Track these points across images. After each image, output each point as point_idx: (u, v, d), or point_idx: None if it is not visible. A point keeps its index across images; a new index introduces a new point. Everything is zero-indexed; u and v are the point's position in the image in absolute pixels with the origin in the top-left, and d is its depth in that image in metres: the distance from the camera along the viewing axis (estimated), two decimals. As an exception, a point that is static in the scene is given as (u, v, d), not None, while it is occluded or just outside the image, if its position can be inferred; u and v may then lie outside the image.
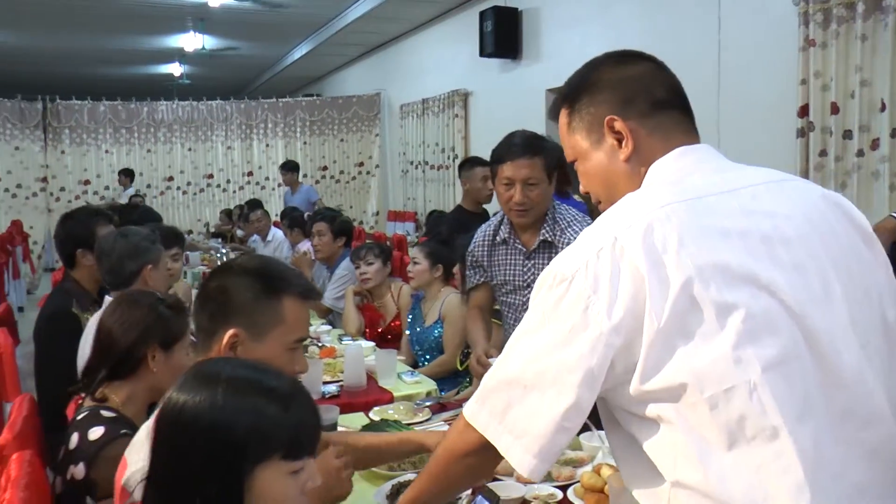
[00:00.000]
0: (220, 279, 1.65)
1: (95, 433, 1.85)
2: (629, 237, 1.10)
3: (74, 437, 1.87)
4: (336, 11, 10.24)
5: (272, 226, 7.45)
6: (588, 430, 2.13)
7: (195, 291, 3.73)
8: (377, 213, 12.44)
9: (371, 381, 3.12)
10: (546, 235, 2.65)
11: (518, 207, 2.59)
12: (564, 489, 1.98)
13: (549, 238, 2.64)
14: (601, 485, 1.88)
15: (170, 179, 12.10)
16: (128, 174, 11.26)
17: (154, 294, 2.17)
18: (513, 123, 2.94)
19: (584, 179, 1.37)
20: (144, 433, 1.53)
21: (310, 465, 1.20)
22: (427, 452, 1.95)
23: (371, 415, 2.69)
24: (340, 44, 11.70)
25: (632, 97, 1.27)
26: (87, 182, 11.56)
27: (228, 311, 1.59)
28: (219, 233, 10.33)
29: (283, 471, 1.16)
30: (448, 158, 9.70)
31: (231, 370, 1.22)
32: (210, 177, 12.26)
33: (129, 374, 2.00)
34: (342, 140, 12.56)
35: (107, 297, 2.87)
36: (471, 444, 1.25)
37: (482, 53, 8.17)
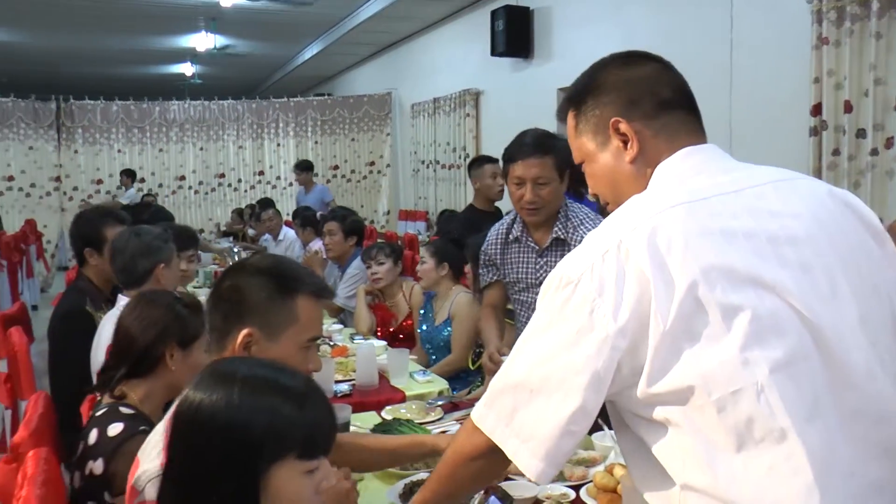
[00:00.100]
0: (234, 279, 1.65)
1: (115, 429, 1.87)
2: (634, 240, 1.10)
3: (93, 434, 1.88)
4: (347, 11, 10.25)
5: (283, 225, 7.47)
6: (600, 430, 2.13)
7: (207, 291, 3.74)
8: (388, 213, 12.46)
9: (383, 380, 3.13)
10: (559, 233, 2.66)
11: (529, 206, 2.61)
12: (577, 489, 1.98)
13: (562, 236, 2.65)
14: (614, 484, 1.88)
15: (181, 179, 12.16)
16: (129, 174, 11.29)
17: (172, 293, 2.19)
18: (524, 123, 2.94)
19: (591, 181, 1.37)
20: (158, 435, 1.54)
21: (324, 465, 1.20)
22: (440, 455, 1.95)
23: (383, 414, 2.70)
24: (352, 43, 11.72)
25: (637, 98, 1.27)
26: (100, 181, 11.63)
27: (242, 311, 1.59)
28: (230, 232, 10.37)
29: (298, 470, 1.17)
30: (459, 158, 9.70)
31: (247, 369, 1.22)
32: (221, 176, 12.31)
33: (148, 373, 2.02)
34: (353, 139, 12.59)
35: (120, 296, 2.89)
36: (479, 448, 1.25)
37: (493, 53, 8.17)
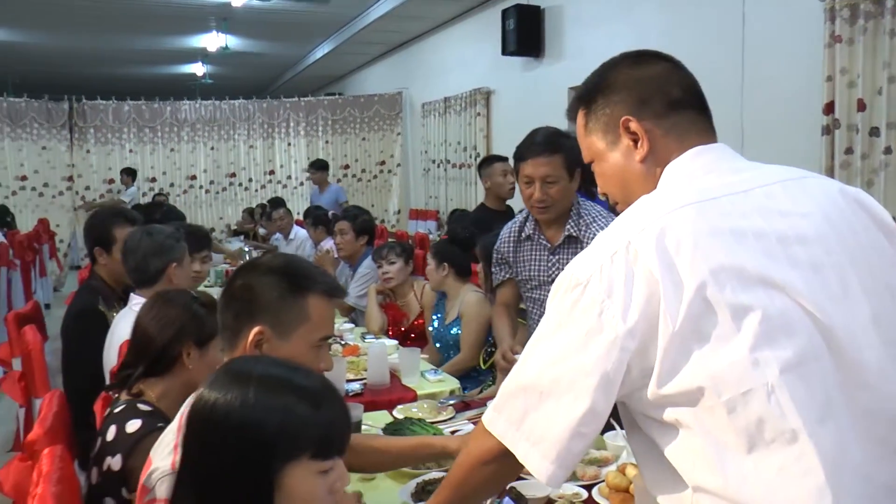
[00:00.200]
0: (246, 277, 1.65)
1: (133, 426, 1.89)
2: (642, 241, 1.09)
3: (112, 430, 1.90)
4: (358, 10, 10.27)
5: (294, 224, 7.48)
6: (612, 430, 2.13)
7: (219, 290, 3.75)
8: (399, 212, 12.47)
9: (394, 380, 3.13)
10: (571, 230, 2.67)
11: (538, 204, 2.64)
12: (589, 488, 1.98)
13: (575, 233, 2.67)
14: (626, 484, 1.88)
15: (192, 178, 12.20)
16: (129, 173, 11.32)
17: (189, 293, 2.21)
18: (535, 122, 2.94)
19: (601, 181, 1.37)
20: (170, 434, 1.54)
21: (339, 466, 1.20)
22: (447, 457, 1.96)
23: (395, 413, 2.70)
24: (363, 43, 11.73)
25: (647, 97, 1.27)
26: (112, 181, 11.68)
27: (254, 310, 1.59)
28: (241, 231, 10.41)
29: (313, 470, 1.17)
30: (470, 157, 9.70)
31: (262, 368, 1.22)
32: (232, 176, 12.35)
33: (165, 372, 2.04)
34: (364, 139, 12.60)
35: (132, 295, 2.90)
36: (491, 452, 1.25)
37: (504, 52, 8.16)
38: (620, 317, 1.07)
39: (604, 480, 1.97)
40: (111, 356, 2.69)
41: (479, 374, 3.59)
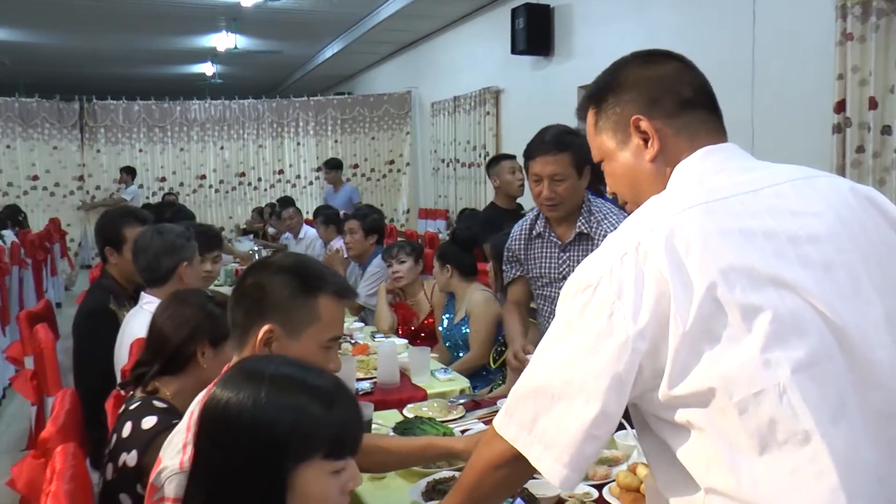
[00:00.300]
0: (257, 276, 1.65)
1: (149, 422, 1.90)
2: (652, 241, 1.09)
3: (127, 426, 1.92)
4: (367, 10, 10.27)
5: (304, 223, 7.49)
6: (623, 429, 2.12)
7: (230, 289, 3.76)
8: (408, 211, 12.47)
9: (404, 379, 3.13)
10: (582, 228, 2.68)
11: (547, 202, 2.66)
12: (600, 488, 1.98)
13: (585, 230, 2.67)
14: (637, 484, 1.88)
15: (202, 178, 12.24)
16: (129, 171, 11.34)
17: (204, 292, 2.23)
18: (544, 121, 2.94)
19: (611, 180, 1.36)
20: (179, 434, 1.55)
21: (351, 466, 1.20)
22: (453, 458, 1.95)
23: (405, 412, 2.70)
24: (372, 42, 11.73)
25: (658, 97, 1.26)
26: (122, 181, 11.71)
27: (264, 308, 1.60)
28: (250, 230, 10.43)
29: (325, 470, 1.16)
30: (479, 156, 9.68)
31: (275, 368, 1.22)
32: (242, 175, 12.38)
33: (180, 370, 2.06)
34: (373, 138, 12.61)
35: (143, 294, 2.91)
36: (502, 456, 1.23)
37: (514, 51, 8.14)
38: (631, 318, 1.07)
39: (614, 480, 1.96)
40: (122, 355, 2.71)
41: (490, 373, 3.59)
